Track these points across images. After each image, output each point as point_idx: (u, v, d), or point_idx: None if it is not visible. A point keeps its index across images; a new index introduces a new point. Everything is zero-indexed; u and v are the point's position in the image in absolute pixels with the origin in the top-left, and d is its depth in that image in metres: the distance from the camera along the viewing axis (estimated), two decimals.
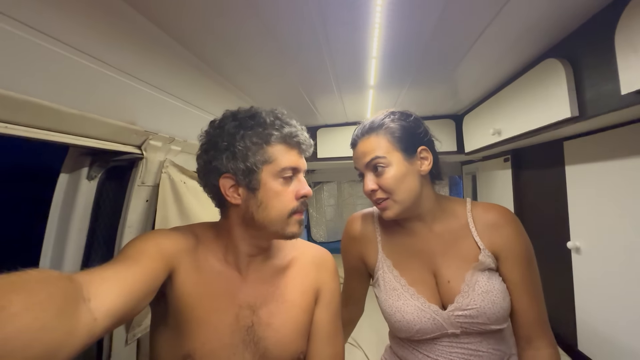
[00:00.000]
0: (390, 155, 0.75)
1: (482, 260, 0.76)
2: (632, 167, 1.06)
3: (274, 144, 0.66)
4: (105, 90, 0.83)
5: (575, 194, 1.35)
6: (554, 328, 1.55)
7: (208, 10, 0.79)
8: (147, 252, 0.59)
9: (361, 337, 1.64)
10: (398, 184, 0.74)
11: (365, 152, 0.77)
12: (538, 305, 0.77)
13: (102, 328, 0.44)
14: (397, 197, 0.74)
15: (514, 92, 1.34)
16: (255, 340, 0.66)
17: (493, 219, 0.79)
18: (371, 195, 0.77)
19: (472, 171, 2.62)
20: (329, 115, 1.99)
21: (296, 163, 0.68)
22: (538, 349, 0.75)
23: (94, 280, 0.46)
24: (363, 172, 0.79)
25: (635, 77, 0.74)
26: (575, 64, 0.99)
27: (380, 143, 0.76)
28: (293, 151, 0.68)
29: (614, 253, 1.16)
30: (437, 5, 0.81)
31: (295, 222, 0.68)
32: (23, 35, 0.61)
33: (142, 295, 0.53)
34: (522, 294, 0.76)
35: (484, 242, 0.78)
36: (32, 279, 0.37)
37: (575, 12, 0.89)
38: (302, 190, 0.68)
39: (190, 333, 0.63)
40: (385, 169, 0.74)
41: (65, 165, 0.97)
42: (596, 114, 0.92)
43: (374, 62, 1.16)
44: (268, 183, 0.65)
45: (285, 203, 0.66)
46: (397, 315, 0.77)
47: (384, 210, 0.76)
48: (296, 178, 0.69)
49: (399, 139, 0.77)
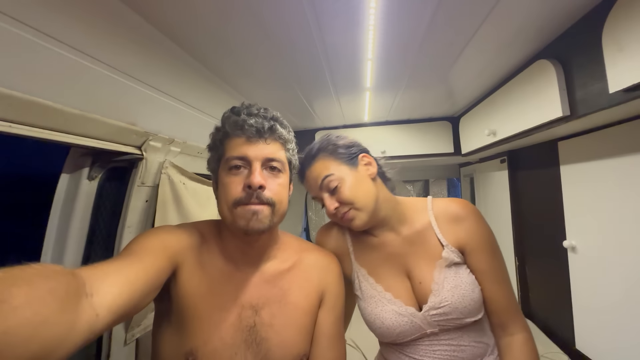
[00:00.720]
0: (338, 170, 0.77)
1: (445, 257, 0.77)
2: (625, 166, 1.08)
3: (224, 138, 0.66)
4: (107, 91, 0.85)
5: (571, 193, 1.37)
6: (552, 327, 1.57)
7: (210, 15, 0.82)
8: (151, 248, 0.59)
9: (360, 338, 1.64)
10: (355, 192, 0.76)
11: (315, 177, 0.78)
12: (507, 292, 0.79)
13: (104, 324, 0.44)
14: (359, 204, 0.76)
15: (508, 93, 1.37)
16: (257, 340, 0.65)
17: (453, 213, 0.81)
18: (336, 214, 0.77)
19: (470, 173, 2.64)
20: (327, 117, 2.01)
21: (241, 152, 0.63)
22: (512, 334, 0.77)
23: (97, 275, 0.46)
24: (321, 197, 0.79)
25: (622, 75, 0.76)
26: (565, 64, 1.02)
27: (324, 164, 0.78)
28: (238, 140, 0.65)
29: (609, 251, 1.17)
30: (430, 7, 0.83)
31: (240, 215, 0.63)
32: (29, 38, 0.63)
33: (145, 292, 0.53)
34: (491, 282, 0.77)
35: (448, 237, 0.79)
36: (34, 273, 0.37)
37: (564, 14, 0.92)
38: (246, 180, 0.63)
39: (192, 331, 0.62)
40: (338, 184, 0.76)
41: (67, 165, 0.98)
42: (586, 112, 0.94)
43: (370, 64, 1.19)
44: (221, 176, 0.66)
45: (228, 193, 0.63)
46: (377, 322, 0.78)
47: (352, 221, 0.76)
48: (249, 169, 0.64)
49: (339, 154, 0.79)
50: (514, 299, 0.80)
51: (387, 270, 0.82)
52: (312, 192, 0.81)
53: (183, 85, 1.14)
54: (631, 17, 0.72)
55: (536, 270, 1.72)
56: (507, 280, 0.79)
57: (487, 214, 2.26)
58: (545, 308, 1.65)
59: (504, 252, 0.82)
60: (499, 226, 2.05)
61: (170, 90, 1.09)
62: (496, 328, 0.79)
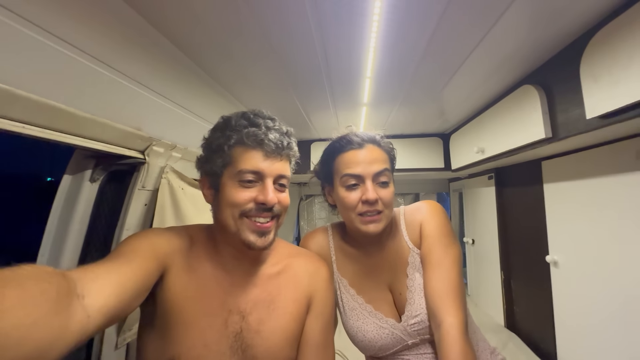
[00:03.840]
0: (390, 173, 0.77)
1: (410, 261, 0.77)
2: (603, 185, 1.15)
3: (233, 146, 0.64)
4: (116, 96, 0.88)
5: (553, 210, 1.44)
6: (535, 340, 1.62)
7: (219, 29, 0.86)
8: (140, 250, 0.58)
9: (349, 348, 1.65)
10: (392, 201, 0.75)
11: (376, 160, 0.74)
12: (443, 277, 0.70)
13: (95, 326, 0.43)
14: (390, 212, 0.75)
15: (496, 114, 1.45)
16: (243, 347, 0.64)
17: (415, 214, 0.81)
18: (365, 207, 0.72)
19: (459, 188, 2.72)
20: (323, 129, 2.07)
21: (256, 166, 0.62)
22: (440, 323, 0.66)
23: (88, 277, 0.46)
24: (363, 178, 0.73)
25: (597, 103, 0.84)
26: (548, 90, 1.10)
27: (386, 158, 0.76)
28: (254, 152, 0.63)
29: (588, 266, 1.24)
30: (426, 34, 0.90)
31: (248, 228, 0.62)
32: (52, 45, 0.66)
33: (135, 294, 0.53)
34: (430, 268, 0.72)
35: (411, 236, 0.78)
36: (26, 275, 0.37)
37: (547, 45, 1.01)
38: (260, 196, 0.62)
39: (176, 336, 0.60)
40: (388, 184, 0.74)
41: (70, 166, 1.00)
42: (566, 135, 1.02)
43: (368, 81, 1.25)
44: (226, 185, 0.64)
45: (236, 204, 0.62)
46: (359, 335, 0.77)
47: (374, 223, 0.72)
48: (262, 184, 0.63)
49: (391, 161, 0.79)
50: (451, 286, 0.70)
51: (369, 283, 0.81)
52: (355, 169, 0.73)
53: (188, 94, 1.18)
54: (605, 53, 0.80)
55: (521, 285, 1.78)
56: (449, 269, 0.72)
57: (475, 228, 2.33)
58: (529, 321, 1.70)
59: (491, 266, 0.82)
60: (485, 240, 2.12)
61: (175, 98, 1.12)
62: (432, 321, 0.70)
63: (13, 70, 0.62)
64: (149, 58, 0.93)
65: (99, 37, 0.76)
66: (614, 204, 1.11)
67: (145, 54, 0.90)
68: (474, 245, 2.35)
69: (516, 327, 1.82)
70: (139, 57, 0.89)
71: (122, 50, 0.84)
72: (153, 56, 0.93)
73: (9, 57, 0.61)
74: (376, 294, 0.79)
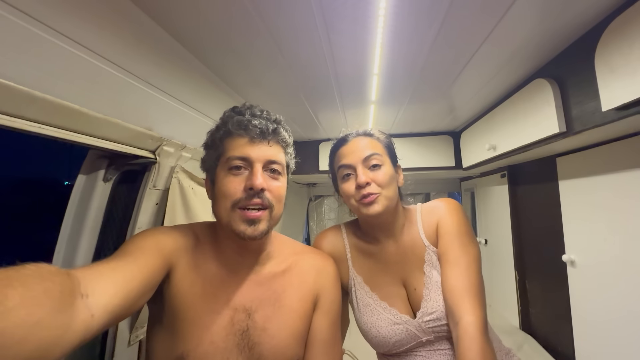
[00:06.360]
0: (384, 157, 0.79)
1: (427, 259, 0.77)
2: (621, 182, 1.11)
3: (224, 138, 0.65)
4: (129, 97, 0.90)
5: (569, 208, 1.40)
6: (552, 342, 1.56)
7: (229, 32, 0.87)
8: (146, 249, 0.58)
9: (358, 349, 1.63)
10: (389, 182, 0.77)
11: (363, 147, 0.78)
12: (461, 275, 0.70)
13: (99, 325, 0.43)
14: (388, 193, 0.76)
15: (507, 109, 1.42)
16: (250, 345, 0.64)
17: (432, 206, 0.82)
18: (360, 192, 0.75)
19: (471, 187, 2.67)
20: (332, 129, 2.07)
21: (243, 152, 0.63)
22: (458, 321, 0.66)
23: (92, 275, 0.46)
24: (355, 167, 0.77)
25: (613, 94, 0.81)
26: (561, 83, 1.07)
27: (375, 144, 0.81)
28: (241, 140, 0.64)
29: (607, 265, 1.19)
30: (433, 28, 0.89)
31: (239, 219, 0.62)
32: (67, 47, 0.69)
33: (140, 293, 0.53)
34: (448, 266, 0.72)
35: (428, 233, 0.79)
36: (29, 274, 0.37)
37: (559, 36, 0.98)
38: (247, 181, 0.62)
39: (184, 334, 0.61)
40: (380, 166, 0.77)
41: (84, 166, 1.03)
42: (582, 129, 0.99)
43: (376, 78, 1.25)
44: (219, 176, 0.64)
45: (227, 194, 0.62)
46: (373, 331, 0.77)
47: (372, 205, 0.74)
48: (251, 170, 0.63)
49: (388, 149, 0.83)
50: (470, 284, 0.69)
51: (384, 279, 0.81)
52: (348, 158, 0.79)
53: (197, 95, 1.20)
54: (621, 42, 0.77)
55: (536, 285, 1.73)
56: (468, 266, 0.72)
57: (488, 228, 2.28)
58: (546, 323, 1.65)
59: (504, 266, 0.81)
60: (499, 240, 2.07)
61: (184, 98, 1.14)
62: (451, 320, 0.70)
63: (31, 73, 0.64)
64: (160, 60, 0.95)
65: (111, 39, 0.78)
66: (633, 200, 1.06)
67: (156, 56, 0.92)
68: (486, 246, 2.30)
69: (532, 329, 1.76)
70: (150, 59, 0.92)
71: (134, 52, 0.86)
72: (164, 58, 0.95)
73: (27, 59, 0.63)
74: (390, 290, 0.80)
